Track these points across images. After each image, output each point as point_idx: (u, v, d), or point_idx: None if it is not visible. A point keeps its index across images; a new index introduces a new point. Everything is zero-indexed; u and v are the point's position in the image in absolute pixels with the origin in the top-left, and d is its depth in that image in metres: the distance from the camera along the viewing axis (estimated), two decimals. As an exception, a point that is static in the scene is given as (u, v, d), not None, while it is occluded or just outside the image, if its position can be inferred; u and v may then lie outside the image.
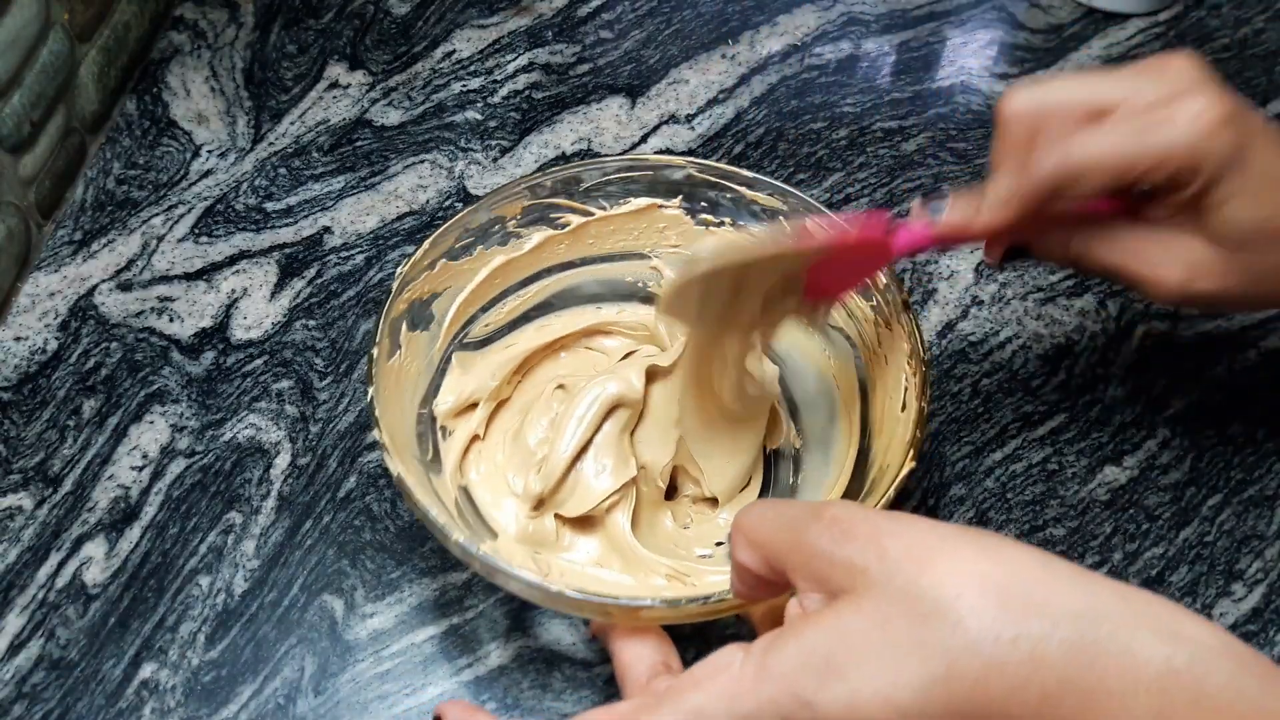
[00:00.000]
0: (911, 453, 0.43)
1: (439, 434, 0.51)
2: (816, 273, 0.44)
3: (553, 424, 0.50)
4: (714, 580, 0.47)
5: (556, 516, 0.49)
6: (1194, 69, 0.41)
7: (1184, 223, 0.42)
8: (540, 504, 0.49)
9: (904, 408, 0.46)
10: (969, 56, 0.72)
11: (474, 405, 0.52)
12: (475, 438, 0.52)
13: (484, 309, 0.54)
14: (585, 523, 0.49)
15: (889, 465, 0.45)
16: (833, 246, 0.43)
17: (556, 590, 0.40)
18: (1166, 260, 0.42)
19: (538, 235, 0.53)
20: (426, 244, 0.49)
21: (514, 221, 0.52)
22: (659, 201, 0.53)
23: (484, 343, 0.54)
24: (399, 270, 0.49)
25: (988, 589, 0.29)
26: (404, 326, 0.49)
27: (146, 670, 0.48)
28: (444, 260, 0.50)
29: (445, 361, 0.52)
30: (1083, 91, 0.42)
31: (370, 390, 0.45)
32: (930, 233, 0.44)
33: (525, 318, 0.55)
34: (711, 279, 0.41)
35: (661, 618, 0.39)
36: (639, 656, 0.38)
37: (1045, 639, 0.28)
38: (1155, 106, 0.40)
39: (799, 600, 0.33)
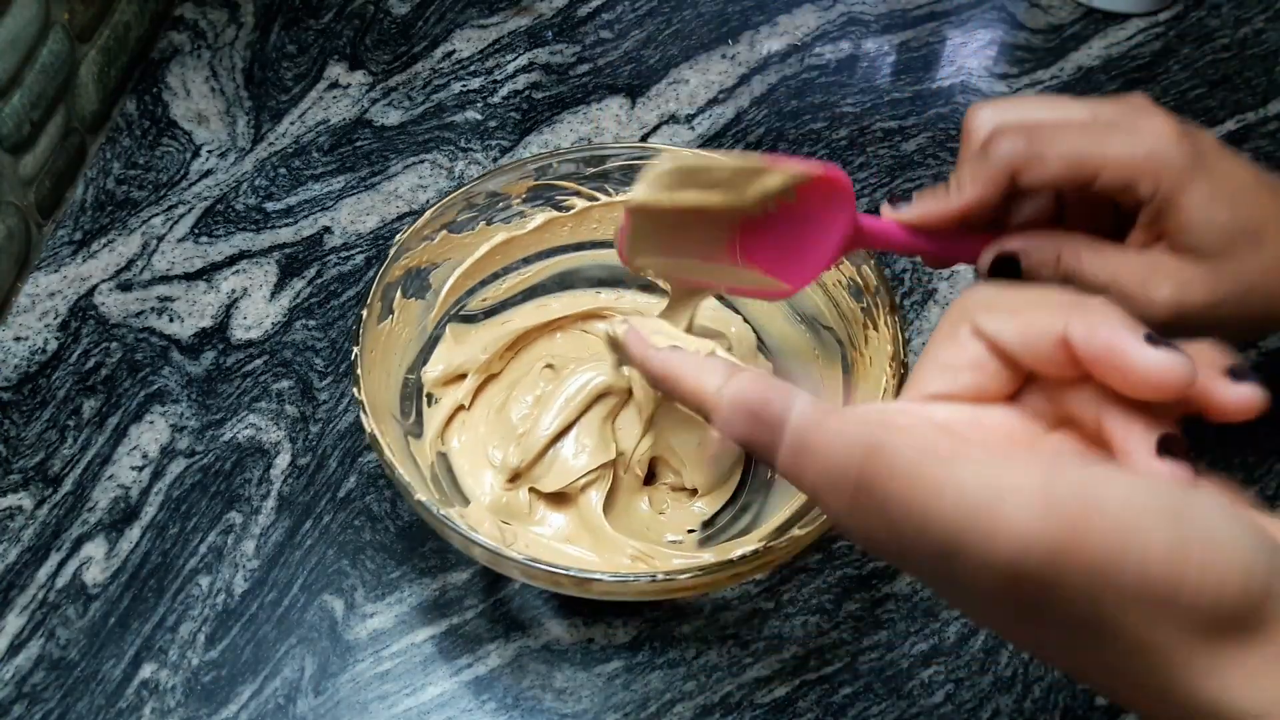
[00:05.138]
0: None
1: (424, 400, 0.52)
2: (752, 231, 0.43)
3: (538, 401, 0.51)
4: (677, 564, 0.47)
5: (531, 490, 0.50)
6: (1151, 102, 0.42)
7: (1164, 247, 0.42)
8: (516, 477, 0.50)
9: None
10: (969, 56, 0.72)
11: (463, 376, 0.53)
12: (461, 408, 0.52)
13: (482, 284, 0.54)
14: (559, 499, 0.50)
15: None
16: (798, 176, 0.42)
17: (508, 555, 0.41)
18: (1155, 277, 0.42)
19: (541, 216, 0.53)
20: (428, 214, 0.50)
21: (518, 200, 0.52)
22: None
23: (480, 316, 0.54)
24: (397, 237, 0.49)
25: None
26: (398, 293, 0.49)
27: (146, 670, 0.48)
28: (444, 232, 0.51)
29: (439, 331, 0.53)
30: (1046, 108, 0.43)
31: (355, 349, 0.45)
32: (899, 222, 0.43)
33: (524, 296, 0.55)
34: (678, 175, 0.41)
35: (610, 591, 0.40)
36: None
37: None
38: (1115, 123, 0.41)
39: None
